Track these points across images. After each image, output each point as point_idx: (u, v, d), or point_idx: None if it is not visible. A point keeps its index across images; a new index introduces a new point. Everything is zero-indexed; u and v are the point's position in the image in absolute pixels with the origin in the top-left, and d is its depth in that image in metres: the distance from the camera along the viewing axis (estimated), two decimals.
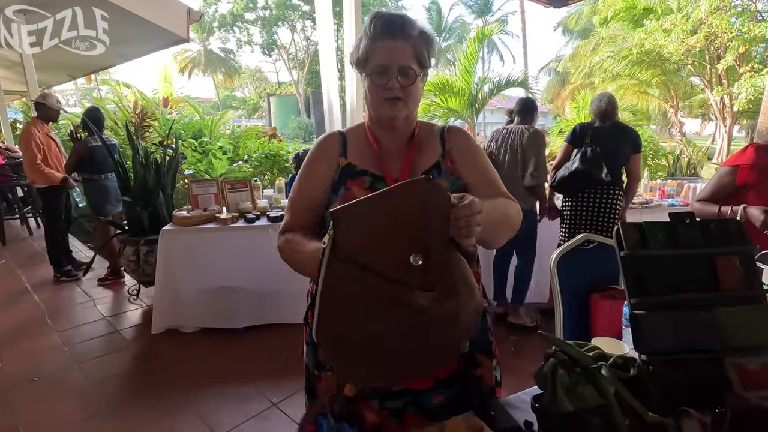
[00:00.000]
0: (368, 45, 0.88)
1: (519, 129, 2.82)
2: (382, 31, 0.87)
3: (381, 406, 0.89)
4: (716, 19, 8.99)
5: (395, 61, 0.86)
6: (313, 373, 1.03)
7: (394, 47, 0.86)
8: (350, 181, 0.90)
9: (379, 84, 0.87)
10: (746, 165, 1.69)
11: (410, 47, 0.87)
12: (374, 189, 0.87)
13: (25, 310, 3.26)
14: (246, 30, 27.56)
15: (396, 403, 0.89)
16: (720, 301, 0.89)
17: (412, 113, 0.94)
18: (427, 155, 0.96)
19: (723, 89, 10.13)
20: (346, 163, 0.93)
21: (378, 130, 0.96)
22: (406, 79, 0.87)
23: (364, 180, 0.90)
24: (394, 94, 0.87)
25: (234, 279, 2.73)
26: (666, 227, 0.93)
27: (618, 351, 0.98)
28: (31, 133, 3.58)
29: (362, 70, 0.90)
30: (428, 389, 0.90)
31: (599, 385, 0.69)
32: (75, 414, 2.04)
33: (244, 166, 5.09)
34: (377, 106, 0.91)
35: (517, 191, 2.67)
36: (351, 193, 0.88)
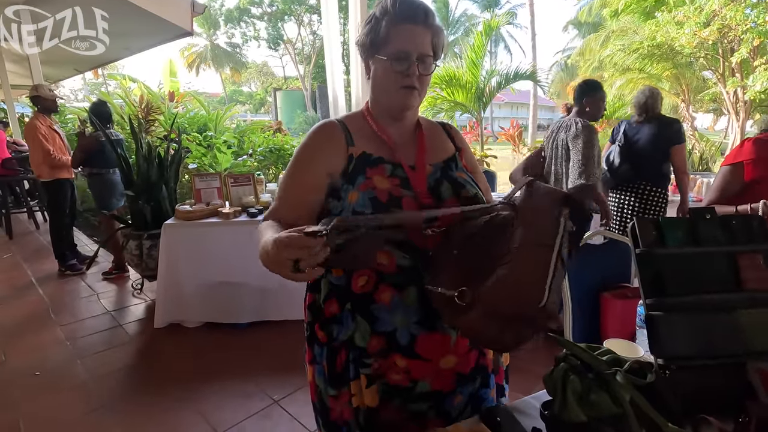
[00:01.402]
0: (388, 27, 0.82)
1: (569, 122, 2.53)
2: (406, 15, 0.82)
3: (402, 408, 0.84)
4: (730, 10, 8.77)
5: (416, 49, 0.82)
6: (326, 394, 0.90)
7: (415, 33, 0.83)
8: (370, 170, 0.84)
9: (398, 70, 0.83)
10: (749, 160, 1.63)
11: (430, 36, 0.84)
12: (396, 177, 0.83)
13: (30, 303, 3.27)
14: (252, 24, 27.54)
15: (419, 406, 0.84)
16: (742, 302, 0.83)
17: (420, 102, 0.91)
18: (439, 147, 0.94)
19: (737, 81, 9.92)
20: (360, 152, 0.86)
21: (382, 119, 0.91)
22: (424, 68, 0.84)
23: (384, 168, 0.85)
24: (412, 82, 0.83)
25: (237, 274, 2.71)
26: (685, 223, 0.88)
27: (633, 354, 0.93)
28: (36, 126, 3.58)
29: (375, 52, 0.85)
30: (451, 391, 0.85)
31: (614, 392, 0.64)
32: (76, 408, 2.03)
33: (249, 160, 5.06)
34: (390, 94, 0.86)
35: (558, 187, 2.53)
36: (372, 181, 0.82)
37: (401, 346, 0.81)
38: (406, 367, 0.81)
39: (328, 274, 0.85)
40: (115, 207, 3.79)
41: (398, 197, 0.80)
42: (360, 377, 0.82)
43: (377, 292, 0.80)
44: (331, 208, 0.85)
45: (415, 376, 0.82)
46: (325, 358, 0.88)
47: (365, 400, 0.82)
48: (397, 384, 0.82)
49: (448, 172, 0.88)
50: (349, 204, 0.81)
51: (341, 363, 0.85)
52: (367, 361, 0.82)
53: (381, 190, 0.81)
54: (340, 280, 0.84)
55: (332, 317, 0.85)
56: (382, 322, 0.81)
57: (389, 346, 0.81)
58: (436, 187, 0.85)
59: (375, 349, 0.81)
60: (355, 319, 0.82)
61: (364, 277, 0.81)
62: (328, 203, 0.85)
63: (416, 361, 0.81)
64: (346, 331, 0.83)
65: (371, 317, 0.81)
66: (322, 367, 0.89)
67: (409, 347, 0.81)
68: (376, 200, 0.79)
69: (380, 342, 0.81)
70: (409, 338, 0.81)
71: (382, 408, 0.83)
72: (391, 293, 0.80)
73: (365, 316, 0.81)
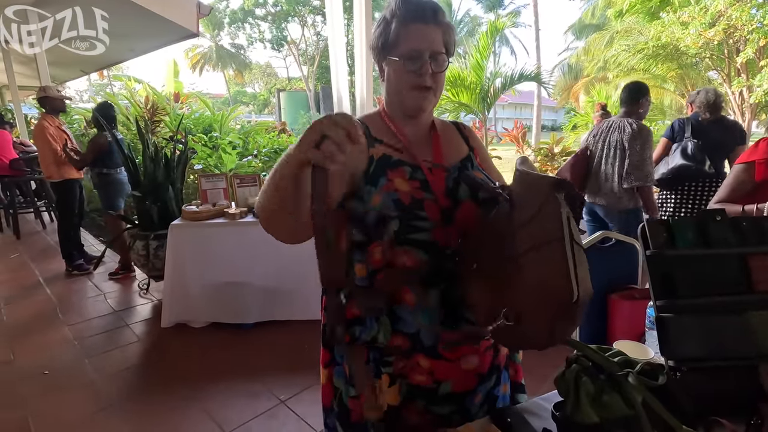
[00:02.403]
0: (398, 28, 0.83)
1: (621, 122, 2.53)
2: (415, 15, 0.82)
3: (426, 410, 0.84)
4: (736, 11, 8.72)
5: (428, 47, 0.82)
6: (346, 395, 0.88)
7: (426, 32, 0.83)
8: (391, 172, 0.83)
9: (411, 69, 0.82)
10: (762, 160, 1.62)
11: (441, 33, 0.84)
12: (415, 179, 0.83)
13: (37, 303, 3.29)
14: (257, 26, 27.61)
15: (442, 409, 0.84)
16: (754, 303, 0.83)
17: (434, 105, 0.90)
18: (454, 146, 0.93)
19: (742, 82, 9.85)
20: (381, 154, 0.85)
21: (398, 119, 0.90)
22: (437, 66, 0.84)
23: (404, 170, 0.84)
24: (425, 82, 0.83)
25: (242, 274, 2.72)
26: (695, 225, 0.88)
27: (643, 356, 0.93)
28: (44, 127, 3.61)
29: (388, 54, 0.85)
30: (472, 389, 0.85)
31: (626, 393, 0.65)
32: (84, 407, 2.05)
33: (254, 160, 5.08)
34: (403, 95, 0.86)
35: (611, 188, 2.53)
36: (393, 183, 0.82)
37: (425, 346, 0.81)
38: (430, 367, 0.82)
39: (352, 275, 0.85)
40: (122, 207, 3.81)
41: (420, 200, 0.81)
42: (382, 377, 0.82)
43: (401, 293, 0.81)
44: (354, 209, 0.83)
45: (438, 377, 0.82)
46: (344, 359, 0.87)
47: (387, 399, 0.82)
48: (420, 384, 0.83)
49: (465, 172, 0.88)
50: (372, 207, 0.81)
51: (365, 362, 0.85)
52: (389, 360, 0.82)
53: (403, 192, 0.81)
54: (363, 281, 0.83)
55: (355, 319, 0.85)
56: (404, 322, 0.81)
57: (413, 347, 0.81)
58: (454, 189, 0.85)
59: (397, 349, 0.82)
60: (378, 320, 0.82)
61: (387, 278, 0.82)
62: (350, 204, 0.84)
63: (440, 361, 0.82)
64: (369, 332, 0.83)
65: (394, 316, 0.81)
66: (343, 368, 0.88)
67: (432, 348, 0.81)
68: (399, 202, 0.79)
69: (404, 342, 0.81)
70: (434, 339, 0.81)
71: (403, 408, 0.83)
72: (413, 294, 0.80)
73: (388, 316, 0.82)
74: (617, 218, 2.56)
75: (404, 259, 0.80)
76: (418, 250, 0.79)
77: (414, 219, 0.79)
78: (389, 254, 0.80)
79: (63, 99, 3.83)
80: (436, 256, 0.80)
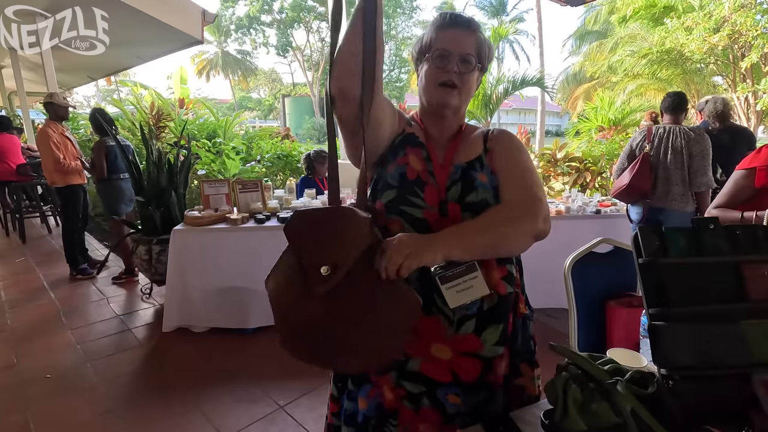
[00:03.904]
0: (433, 32, 0.91)
1: (680, 129, 2.67)
2: (450, 21, 0.90)
3: (397, 383, 0.88)
4: (740, 16, 8.71)
5: (458, 49, 0.88)
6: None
7: (458, 35, 0.89)
8: (409, 148, 0.91)
9: (438, 66, 0.88)
10: (763, 166, 1.61)
11: (474, 40, 0.90)
12: (426, 163, 0.90)
13: (41, 307, 3.32)
14: (262, 32, 27.87)
15: (412, 386, 0.87)
16: (747, 312, 0.83)
17: (463, 106, 0.94)
18: (469, 150, 0.96)
19: (748, 87, 9.81)
20: (411, 131, 0.95)
21: (426, 119, 0.96)
22: (465, 67, 0.89)
23: (421, 152, 0.92)
24: (451, 78, 0.87)
25: (244, 280, 2.73)
26: (689, 233, 0.88)
27: (636, 364, 0.93)
28: (48, 134, 3.65)
29: (422, 58, 0.92)
30: (447, 383, 0.87)
31: (615, 402, 0.65)
32: (86, 411, 2.06)
33: (257, 166, 5.11)
34: (430, 91, 0.91)
35: (680, 193, 2.64)
36: (407, 158, 0.90)
37: None
38: None
39: None
40: (124, 212, 3.84)
41: (424, 182, 0.87)
42: None
43: None
44: (374, 176, 0.93)
45: (407, 349, 0.87)
46: None
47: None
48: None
49: (469, 172, 0.89)
50: (385, 174, 0.90)
51: None
52: None
53: (412, 169, 0.88)
54: None
55: None
56: None
57: None
58: (450, 187, 0.88)
59: None
60: None
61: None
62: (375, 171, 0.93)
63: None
64: None
65: None
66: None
67: None
68: (404, 176, 0.87)
69: None
70: None
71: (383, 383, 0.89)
72: None
73: None
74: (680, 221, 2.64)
75: (394, 227, 0.86)
76: (407, 223, 0.85)
77: (410, 194, 0.86)
78: (383, 220, 0.87)
79: (67, 107, 3.88)
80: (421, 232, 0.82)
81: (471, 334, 0.86)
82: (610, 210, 3.11)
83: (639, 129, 3.00)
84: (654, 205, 2.72)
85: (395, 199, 0.86)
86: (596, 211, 3.07)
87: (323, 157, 3.70)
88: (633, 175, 2.70)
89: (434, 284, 0.82)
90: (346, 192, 3.39)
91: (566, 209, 3.04)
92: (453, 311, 0.83)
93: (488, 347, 0.86)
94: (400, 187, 0.87)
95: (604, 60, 13.38)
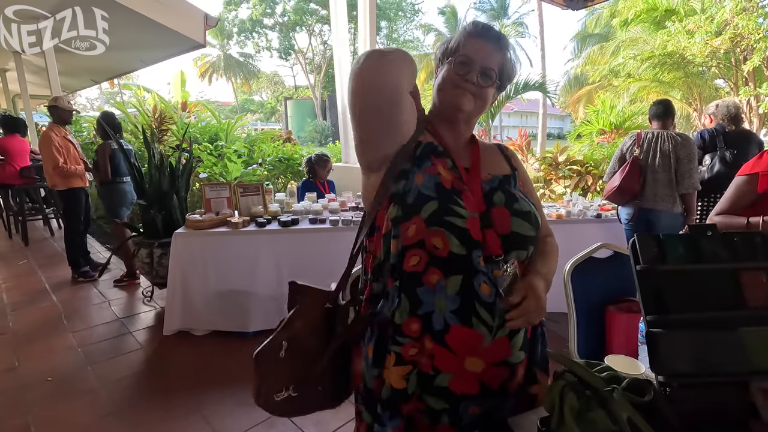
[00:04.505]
0: (461, 38, 0.90)
1: (668, 134, 2.80)
2: (481, 31, 0.90)
3: (419, 398, 0.85)
4: (742, 20, 8.71)
5: (481, 60, 0.88)
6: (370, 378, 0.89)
7: (486, 47, 0.89)
8: (435, 159, 0.89)
9: (458, 73, 0.88)
10: (765, 172, 1.60)
11: (499, 56, 0.90)
12: (454, 172, 0.88)
13: (43, 309, 3.33)
14: (264, 35, 27.99)
15: (435, 402, 0.84)
16: (745, 319, 0.83)
17: (475, 115, 0.94)
18: (498, 164, 0.97)
19: (750, 91, 9.80)
20: (430, 140, 0.91)
21: (439, 126, 0.95)
22: (485, 80, 0.89)
23: (446, 161, 0.89)
24: (468, 86, 0.88)
25: (245, 283, 2.74)
26: (687, 240, 0.88)
27: (634, 371, 0.93)
28: (51, 138, 3.66)
29: (444, 60, 0.92)
30: (472, 395, 0.85)
31: (611, 410, 0.65)
32: (86, 414, 2.06)
33: (259, 169, 5.13)
34: (446, 92, 0.90)
35: (667, 194, 2.76)
36: (437, 168, 0.87)
37: (434, 330, 0.82)
38: (432, 351, 0.82)
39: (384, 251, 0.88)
40: (125, 215, 3.85)
41: (459, 190, 0.85)
42: (390, 353, 0.84)
43: (426, 275, 0.82)
44: (399, 189, 0.87)
45: (437, 364, 0.83)
46: (371, 341, 0.88)
47: (391, 379, 0.84)
48: (421, 368, 0.83)
49: (505, 185, 0.91)
50: (415, 185, 0.85)
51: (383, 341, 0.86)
52: (400, 340, 0.83)
53: (444, 178, 0.85)
54: (395, 258, 0.85)
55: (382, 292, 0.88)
56: (422, 304, 0.82)
57: (423, 329, 0.82)
58: (489, 194, 0.88)
59: (410, 331, 0.83)
60: (399, 296, 0.84)
61: (416, 257, 0.83)
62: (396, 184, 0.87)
63: (443, 349, 0.82)
64: (389, 306, 0.85)
65: (415, 299, 0.83)
66: (367, 350, 0.89)
67: (440, 334, 0.82)
68: (440, 186, 0.84)
69: (417, 326, 0.83)
70: (443, 325, 0.82)
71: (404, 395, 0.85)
72: (438, 277, 0.82)
73: (409, 297, 0.83)
74: (668, 222, 2.74)
75: (436, 239, 0.82)
76: (450, 234, 0.82)
77: (452, 203, 0.83)
78: (423, 233, 0.82)
79: (72, 111, 3.90)
80: (465, 243, 0.82)
81: (505, 337, 0.84)
82: (611, 214, 3.10)
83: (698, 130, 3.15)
84: (643, 206, 2.82)
85: (438, 209, 0.82)
86: (597, 215, 3.07)
87: (324, 160, 3.71)
88: (623, 178, 2.81)
89: (476, 293, 0.81)
90: (347, 195, 3.40)
91: (567, 213, 3.04)
92: (493, 318, 0.82)
93: (515, 353, 0.86)
94: (439, 197, 0.83)
95: (606, 63, 13.38)
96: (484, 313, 0.82)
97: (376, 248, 0.90)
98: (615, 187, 2.82)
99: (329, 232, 2.79)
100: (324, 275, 2.93)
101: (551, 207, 3.26)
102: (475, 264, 0.81)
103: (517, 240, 0.87)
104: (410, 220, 0.83)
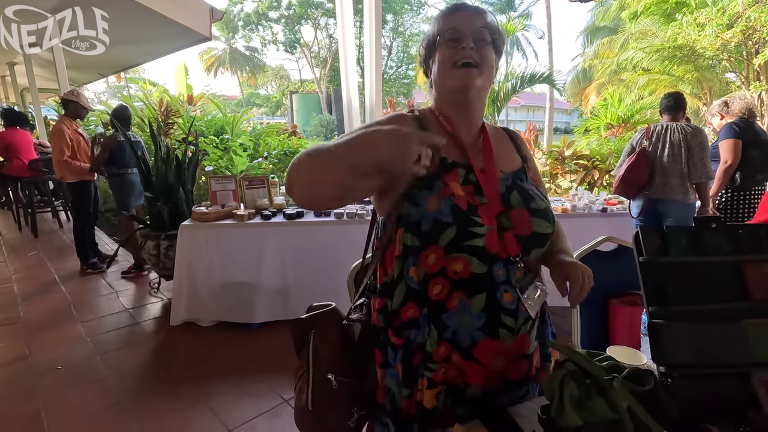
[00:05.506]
0: (441, 20, 0.87)
1: (678, 126, 2.80)
2: (455, 7, 0.87)
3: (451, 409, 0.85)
4: (755, 12, 8.54)
5: (469, 26, 0.84)
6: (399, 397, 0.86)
7: (467, 15, 0.86)
8: (446, 176, 0.82)
9: (453, 46, 0.83)
10: None
11: (484, 17, 0.86)
12: (468, 183, 0.83)
13: (53, 300, 3.38)
14: (270, 28, 27.92)
15: (464, 410, 0.84)
16: (748, 311, 0.83)
17: (486, 86, 0.87)
18: (509, 156, 0.95)
19: (761, 85, 9.64)
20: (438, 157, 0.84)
21: (451, 112, 0.89)
22: (480, 43, 0.84)
23: (458, 173, 0.83)
24: (468, 56, 0.82)
25: (250, 275, 2.76)
26: (690, 232, 0.88)
27: (635, 361, 0.94)
28: (62, 131, 3.70)
29: (432, 51, 0.88)
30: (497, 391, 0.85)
31: (611, 398, 0.65)
32: (95, 403, 2.10)
33: (264, 163, 5.14)
34: (446, 77, 0.85)
35: (678, 184, 2.75)
36: (449, 188, 0.81)
37: (461, 347, 0.82)
38: (462, 368, 0.83)
39: (407, 279, 0.84)
40: (134, 206, 3.89)
41: (475, 206, 0.81)
42: (423, 378, 0.83)
43: (449, 300, 0.81)
44: (408, 213, 0.82)
45: (468, 379, 0.83)
46: (399, 361, 0.86)
47: (424, 400, 0.83)
48: (453, 383, 0.83)
49: (518, 182, 0.89)
50: (428, 212, 0.80)
51: (415, 365, 0.85)
52: (431, 366, 0.83)
53: (459, 197, 0.80)
54: (419, 285, 0.83)
55: (410, 321, 0.85)
56: (449, 329, 0.82)
57: (452, 347, 0.82)
58: (506, 195, 0.86)
59: (440, 357, 0.82)
60: (429, 325, 0.83)
61: (439, 285, 0.81)
62: (403, 207, 0.83)
63: (472, 364, 0.82)
64: (422, 335, 0.83)
65: (441, 325, 0.82)
66: (396, 370, 0.87)
67: (468, 350, 0.82)
68: (456, 208, 0.79)
69: (446, 348, 0.82)
70: (470, 341, 0.82)
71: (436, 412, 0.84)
72: (461, 296, 0.81)
73: (436, 325, 0.82)
74: (680, 212, 2.74)
75: (456, 265, 0.80)
76: (472, 257, 0.80)
77: (471, 225, 0.79)
78: (442, 261, 0.80)
79: (87, 109, 3.94)
80: (486, 260, 0.80)
81: (526, 334, 0.84)
82: (617, 208, 3.09)
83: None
84: (652, 196, 2.81)
85: (457, 236, 0.78)
86: (602, 209, 3.05)
87: None
88: (628, 167, 2.81)
89: (499, 305, 0.81)
90: None
91: (572, 207, 3.03)
92: (516, 321, 0.82)
93: (532, 344, 0.86)
94: (457, 221, 0.79)
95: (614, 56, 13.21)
96: (508, 320, 0.82)
97: (388, 266, 0.88)
98: (620, 177, 2.84)
99: (334, 224, 2.80)
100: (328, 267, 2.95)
101: (557, 201, 3.25)
102: (496, 277, 0.81)
103: (537, 239, 0.86)
104: (428, 248, 0.80)
